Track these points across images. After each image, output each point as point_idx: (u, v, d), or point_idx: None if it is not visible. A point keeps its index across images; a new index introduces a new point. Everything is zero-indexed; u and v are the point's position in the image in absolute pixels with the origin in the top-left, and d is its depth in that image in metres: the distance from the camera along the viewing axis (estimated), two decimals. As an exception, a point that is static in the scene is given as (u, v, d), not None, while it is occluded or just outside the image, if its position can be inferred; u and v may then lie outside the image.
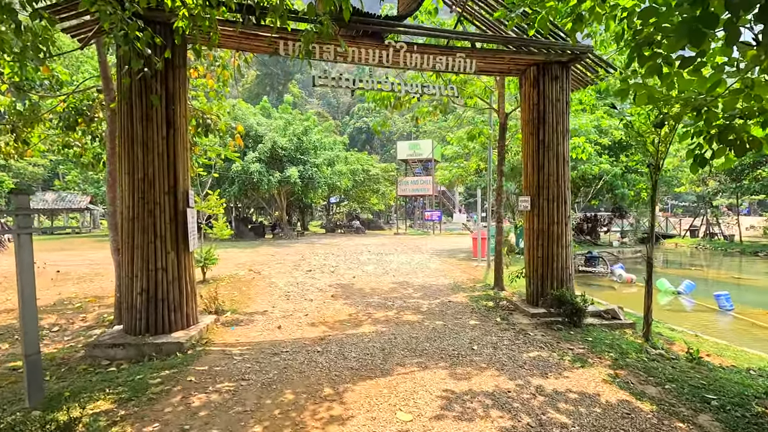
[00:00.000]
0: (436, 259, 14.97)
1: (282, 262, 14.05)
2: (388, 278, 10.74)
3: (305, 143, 23.96)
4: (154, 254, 5.37)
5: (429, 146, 32.68)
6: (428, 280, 10.35)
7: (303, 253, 17.11)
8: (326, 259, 14.79)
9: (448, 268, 12.55)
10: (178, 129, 5.56)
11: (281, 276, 10.98)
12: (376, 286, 9.56)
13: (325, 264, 13.51)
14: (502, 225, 9.11)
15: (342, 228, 33.99)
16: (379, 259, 14.79)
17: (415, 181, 32.95)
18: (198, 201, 10.81)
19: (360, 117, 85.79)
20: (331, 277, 10.86)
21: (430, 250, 18.30)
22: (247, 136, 23.33)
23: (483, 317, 6.70)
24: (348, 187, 28.75)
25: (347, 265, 13.19)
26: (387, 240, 24.65)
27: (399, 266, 12.95)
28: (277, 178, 22.45)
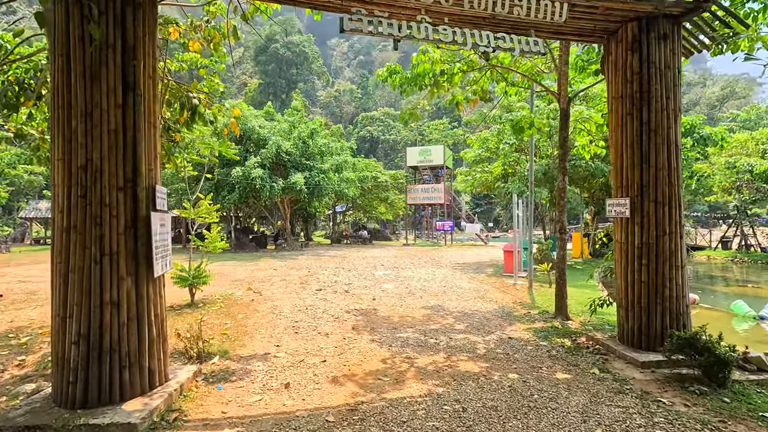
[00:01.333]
0: (461, 275, 13.07)
1: (286, 278, 12.17)
2: (415, 301, 8.84)
3: (311, 148, 22.25)
4: (99, 281, 3.53)
5: (440, 152, 30.97)
6: (467, 305, 8.45)
7: (309, 267, 15.23)
8: (337, 275, 12.90)
9: (482, 287, 10.65)
10: (141, 95, 3.76)
11: (286, 297, 9.10)
12: (405, 313, 7.66)
13: (336, 281, 11.62)
14: (565, 236, 7.24)
15: (348, 238, 32.13)
16: (396, 275, 12.89)
17: (426, 189, 31.16)
18: (188, 207, 8.99)
19: (364, 126, 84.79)
20: (346, 299, 8.98)
21: (450, 264, 16.40)
22: (248, 139, 21.67)
23: (570, 366, 4.80)
24: (356, 195, 26.97)
25: (362, 283, 11.31)
26: (397, 252, 22.77)
27: (423, 284, 11.05)
28: (281, 185, 20.69)
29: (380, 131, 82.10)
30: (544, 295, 9.73)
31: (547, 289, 10.59)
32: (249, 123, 21.26)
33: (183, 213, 8.87)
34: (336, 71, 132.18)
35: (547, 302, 8.95)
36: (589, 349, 5.40)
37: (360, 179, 26.16)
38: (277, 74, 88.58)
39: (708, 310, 11.51)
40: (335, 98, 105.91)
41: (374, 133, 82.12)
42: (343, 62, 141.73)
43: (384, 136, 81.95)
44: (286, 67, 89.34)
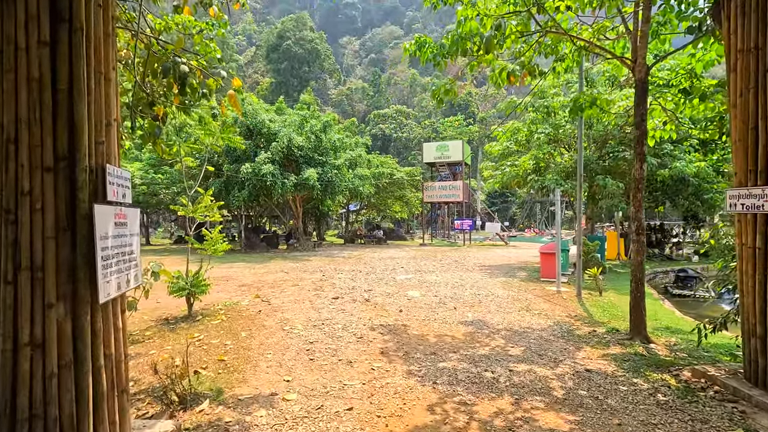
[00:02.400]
0: (492, 280, 11.68)
1: (298, 283, 10.93)
2: (449, 314, 7.50)
3: (324, 142, 21.01)
4: (12, 311, 2.29)
5: (458, 148, 29.49)
6: (513, 319, 7.08)
7: (324, 269, 13.99)
8: (354, 279, 11.62)
9: (521, 296, 9.26)
10: (81, 29, 2.49)
11: (298, 308, 7.84)
12: (441, 330, 6.33)
13: (354, 287, 10.34)
14: (642, 237, 5.82)
15: (362, 238, 30.87)
16: (421, 280, 11.56)
17: (444, 186, 29.70)
18: (185, 203, 7.78)
19: (376, 124, 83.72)
20: (368, 311, 7.68)
21: (476, 266, 15.01)
22: (259, 134, 20.53)
23: (697, 423, 3.42)
24: (370, 193, 25.68)
25: (383, 290, 10.00)
26: (415, 252, 21.41)
27: (453, 292, 9.70)
28: (293, 181, 19.48)
29: (393, 129, 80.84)
30: (599, 306, 8.31)
31: (598, 299, 9.16)
32: (259, 117, 20.10)
33: (180, 210, 7.67)
34: (348, 69, 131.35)
35: (607, 315, 7.54)
36: (706, 391, 4.00)
37: (375, 176, 24.83)
38: (289, 72, 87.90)
39: None
40: (347, 96, 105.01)
41: (386, 131, 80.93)
42: (355, 60, 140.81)
43: (396, 134, 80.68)
44: (298, 65, 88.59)
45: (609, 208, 13.46)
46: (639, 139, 5.80)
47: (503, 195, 70.62)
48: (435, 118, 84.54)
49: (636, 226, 5.78)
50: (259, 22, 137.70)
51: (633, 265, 5.79)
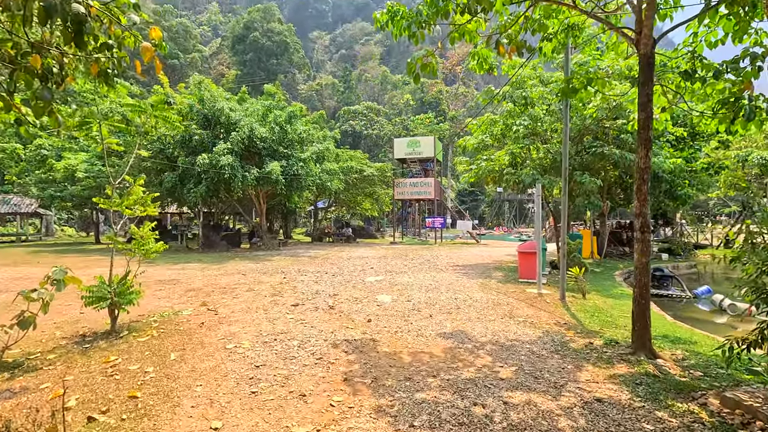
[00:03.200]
0: (469, 281, 10.87)
1: (255, 287, 9.72)
2: (425, 323, 6.56)
3: (289, 134, 19.68)
4: None
5: (430, 144, 28.80)
6: (497, 329, 6.21)
7: (286, 270, 12.79)
8: (318, 282, 10.52)
9: (502, 299, 8.45)
10: None
11: (250, 319, 6.69)
12: (417, 345, 5.37)
13: (317, 291, 9.24)
14: (648, 236, 5.05)
15: (331, 236, 29.66)
16: (392, 282, 10.60)
17: (415, 183, 28.92)
18: (110, 194, 6.44)
19: (346, 120, 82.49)
20: (331, 321, 6.62)
21: (450, 266, 14.21)
22: (217, 123, 18.97)
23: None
24: (339, 189, 24.50)
25: (351, 294, 8.96)
26: (386, 251, 20.47)
27: (428, 296, 8.78)
28: (255, 174, 18.10)
29: (363, 126, 79.72)
30: (586, 311, 7.60)
31: (583, 302, 8.48)
32: (217, 104, 18.53)
33: (103, 203, 6.34)
34: (318, 65, 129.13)
35: (597, 322, 6.81)
36: (748, 429, 3.21)
37: (344, 171, 23.65)
38: (256, 65, 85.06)
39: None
40: (317, 92, 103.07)
41: (357, 127, 79.75)
42: (325, 56, 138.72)
43: (367, 131, 79.63)
44: (265, 58, 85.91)
45: (585, 205, 12.99)
46: (644, 123, 5.03)
47: (473, 193, 71.01)
48: (406, 116, 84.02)
49: (641, 222, 5.01)
50: (225, 12, 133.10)
51: (637, 267, 5.02)
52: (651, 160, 5.09)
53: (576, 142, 13.51)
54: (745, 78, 4.90)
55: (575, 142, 13.65)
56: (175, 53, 71.14)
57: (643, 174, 5.04)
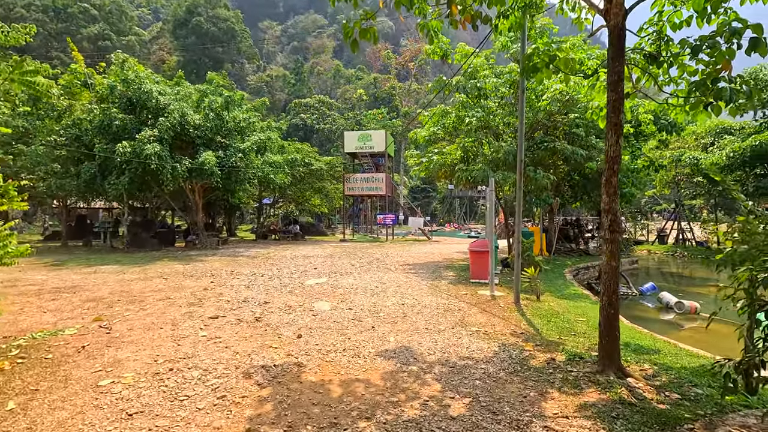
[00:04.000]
0: (418, 283, 10.08)
1: (172, 295, 8.31)
2: (365, 337, 5.60)
3: (227, 121, 17.97)
4: None
5: (381, 138, 27.91)
6: (447, 342, 5.37)
7: (218, 273, 11.36)
8: (250, 287, 9.27)
9: (453, 304, 7.68)
10: None
11: (150, 338, 5.41)
12: (351, 371, 4.40)
13: (246, 299, 8.02)
14: (617, 236, 4.39)
15: (277, 233, 28.01)
16: (335, 285, 9.56)
17: (366, 178, 27.94)
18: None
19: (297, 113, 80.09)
20: (253, 336, 5.50)
21: (400, 266, 13.40)
22: (144, 108, 16.90)
23: None
24: (285, 184, 22.97)
25: (285, 300, 7.83)
26: (334, 249, 19.37)
27: (373, 301, 7.84)
28: (187, 166, 16.30)
29: (315, 120, 77.63)
30: (543, 316, 6.98)
31: (538, 305, 7.91)
32: (144, 87, 16.48)
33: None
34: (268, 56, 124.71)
35: (555, 329, 6.18)
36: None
37: (290, 163, 22.14)
38: (200, 52, 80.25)
39: (719, 324, 9.57)
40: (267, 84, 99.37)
41: (308, 121, 77.54)
42: (276, 47, 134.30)
43: (319, 125, 77.64)
44: (210, 45, 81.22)
45: (536, 202, 12.69)
46: (614, 105, 4.36)
47: (425, 190, 71.33)
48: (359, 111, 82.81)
49: (611, 220, 4.34)
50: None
51: (605, 272, 4.36)
52: (622, 148, 4.43)
53: (527, 137, 13.12)
54: (720, 58, 4.35)
55: (527, 137, 13.27)
56: (107, 34, 65.29)
57: (613, 164, 4.37)
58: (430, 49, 13.84)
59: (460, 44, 13.23)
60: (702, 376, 4.37)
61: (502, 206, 14.58)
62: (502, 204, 14.51)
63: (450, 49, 13.67)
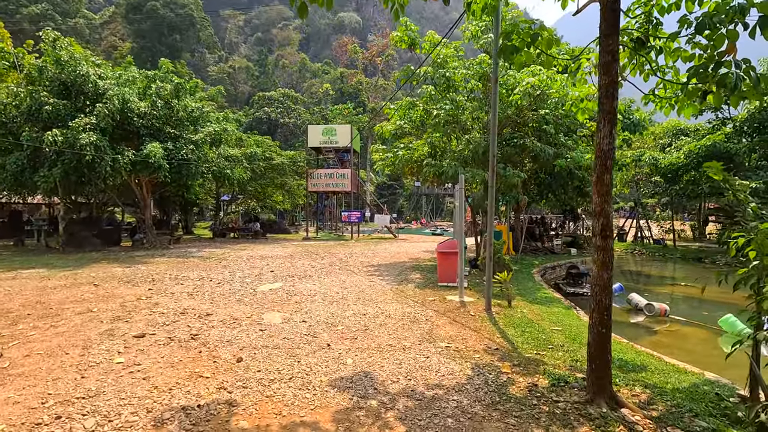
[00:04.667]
0: (383, 287, 9.33)
1: (98, 306, 7.15)
2: (318, 359, 4.78)
3: (178, 111, 16.51)
4: None
5: (347, 132, 26.96)
6: (412, 364, 4.63)
7: (159, 277, 10.15)
8: (194, 294, 8.20)
9: (420, 314, 6.98)
10: None
11: (47, 366, 4.34)
12: (296, 409, 3.56)
13: (186, 309, 6.99)
14: (610, 242, 3.78)
15: (236, 232, 26.52)
16: (291, 292, 8.65)
17: (330, 174, 26.92)
18: None
19: (261, 106, 77.69)
20: (183, 362, 4.56)
21: (364, 267, 12.62)
22: (80, 93, 15.21)
23: None
24: (244, 179, 21.60)
25: (231, 311, 6.87)
26: (295, 248, 18.35)
27: (331, 311, 7.02)
28: (129, 158, 14.79)
29: (279, 114, 75.41)
30: (517, 326, 6.40)
31: (510, 312, 7.34)
32: (80, 69, 14.78)
33: None
34: (231, 46, 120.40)
35: (532, 342, 5.59)
36: None
37: (248, 157, 20.78)
38: (155, 39, 75.92)
39: (688, 327, 9.43)
40: (229, 75, 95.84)
41: (272, 115, 75.22)
42: (239, 37, 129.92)
43: (283, 119, 75.49)
44: (167, 31, 77.09)
45: (506, 200, 12.26)
46: (607, 90, 3.73)
47: (391, 186, 70.91)
48: (324, 105, 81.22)
49: (602, 224, 3.73)
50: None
51: (597, 284, 3.74)
52: (616, 140, 3.83)
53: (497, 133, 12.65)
54: (721, 40, 3.83)
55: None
56: (50, 14, 60.42)
57: (605, 159, 3.75)
58: (397, 37, 13.14)
59: (429, 32, 12.56)
60: (699, 401, 3.85)
61: (470, 204, 14.09)
62: (470, 202, 14.01)
63: (418, 37, 13.01)
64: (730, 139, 20.58)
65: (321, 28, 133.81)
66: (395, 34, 12.60)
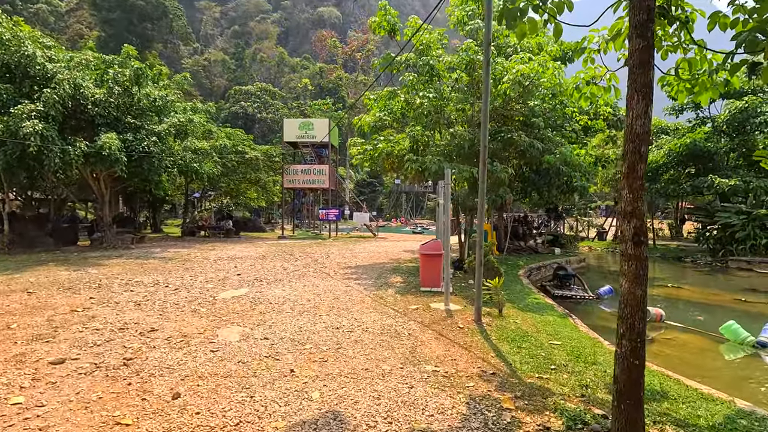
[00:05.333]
0: (360, 293, 8.45)
1: (17, 322, 5.99)
2: (277, 393, 3.85)
3: (139, 99, 15.16)
4: None
5: (324, 126, 25.88)
6: (394, 400, 3.75)
7: (107, 283, 8.96)
8: (142, 304, 7.12)
9: (401, 326, 6.12)
10: None
11: None
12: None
13: (127, 324, 5.93)
14: (642, 251, 3.00)
15: (207, 230, 25.12)
16: (256, 299, 7.67)
17: (307, 170, 25.81)
18: None
19: (237, 101, 75.58)
20: (100, 401, 3.56)
21: (341, 269, 11.70)
22: (25, 76, 13.71)
23: None
24: (215, 174, 20.29)
25: (180, 326, 5.85)
26: (269, 248, 17.26)
27: (299, 325, 6.08)
28: (82, 149, 13.41)
29: (256, 108, 73.39)
30: (511, 340, 5.61)
31: (502, 322, 6.57)
32: (25, 49, 13.28)
33: None
34: (206, 39, 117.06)
35: (531, 361, 4.80)
36: None
37: (217, 150, 19.46)
38: (124, 27, 72.50)
39: (686, 334, 8.87)
40: (204, 68, 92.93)
41: (249, 109, 73.17)
42: (215, 29, 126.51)
43: (261, 113, 73.51)
44: (137, 20, 73.78)
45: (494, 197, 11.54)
46: (642, 57, 2.93)
47: (371, 184, 69.97)
48: (303, 100, 79.60)
49: (635, 227, 2.94)
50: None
51: (627, 303, 2.96)
52: (651, 120, 3.04)
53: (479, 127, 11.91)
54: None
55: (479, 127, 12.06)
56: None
57: (639, 144, 2.94)
58: (376, 23, 12.23)
59: (411, 17, 11.71)
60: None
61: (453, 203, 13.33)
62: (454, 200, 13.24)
63: (398, 22, 12.14)
64: (709, 138, 20.52)
65: (300, 22, 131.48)
66: (374, 20, 11.70)
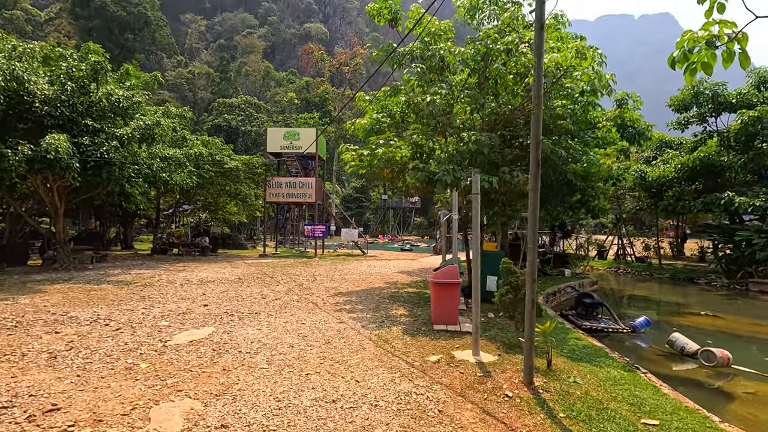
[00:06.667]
0: (357, 333, 6.56)
1: None
2: None
3: (99, 98, 13.16)
4: None
5: (311, 136, 24.17)
6: None
7: (31, 320, 6.85)
8: (59, 357, 5.10)
9: (421, 398, 4.26)
10: None
11: None
12: None
13: (16, 397, 3.94)
14: None
15: (180, 248, 22.84)
16: (221, 346, 5.71)
17: (293, 183, 23.96)
18: None
19: (221, 113, 73.57)
20: None
21: (330, 296, 9.80)
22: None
23: None
24: (189, 186, 18.21)
25: (93, 402, 3.87)
26: (247, 269, 15.24)
27: (278, 395, 4.16)
28: (26, 154, 11.33)
29: (241, 121, 71.41)
30: (582, 417, 3.80)
31: (556, 383, 4.75)
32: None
33: None
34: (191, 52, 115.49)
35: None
36: None
37: (192, 159, 17.41)
38: (105, 37, 70.12)
39: (765, 384, 7.16)
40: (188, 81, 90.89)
41: (233, 122, 71.11)
42: (201, 43, 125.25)
43: (245, 126, 71.52)
44: (118, 30, 71.69)
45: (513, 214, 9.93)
46: None
47: (358, 199, 68.26)
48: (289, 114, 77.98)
49: None
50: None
51: None
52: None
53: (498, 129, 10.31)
54: None
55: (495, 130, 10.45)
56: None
57: None
58: (375, 9, 10.65)
59: (413, 6, 10.16)
60: None
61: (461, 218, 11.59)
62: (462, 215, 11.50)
63: (400, 10, 10.58)
64: (721, 152, 19.47)
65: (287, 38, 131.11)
66: (372, 6, 10.11)
